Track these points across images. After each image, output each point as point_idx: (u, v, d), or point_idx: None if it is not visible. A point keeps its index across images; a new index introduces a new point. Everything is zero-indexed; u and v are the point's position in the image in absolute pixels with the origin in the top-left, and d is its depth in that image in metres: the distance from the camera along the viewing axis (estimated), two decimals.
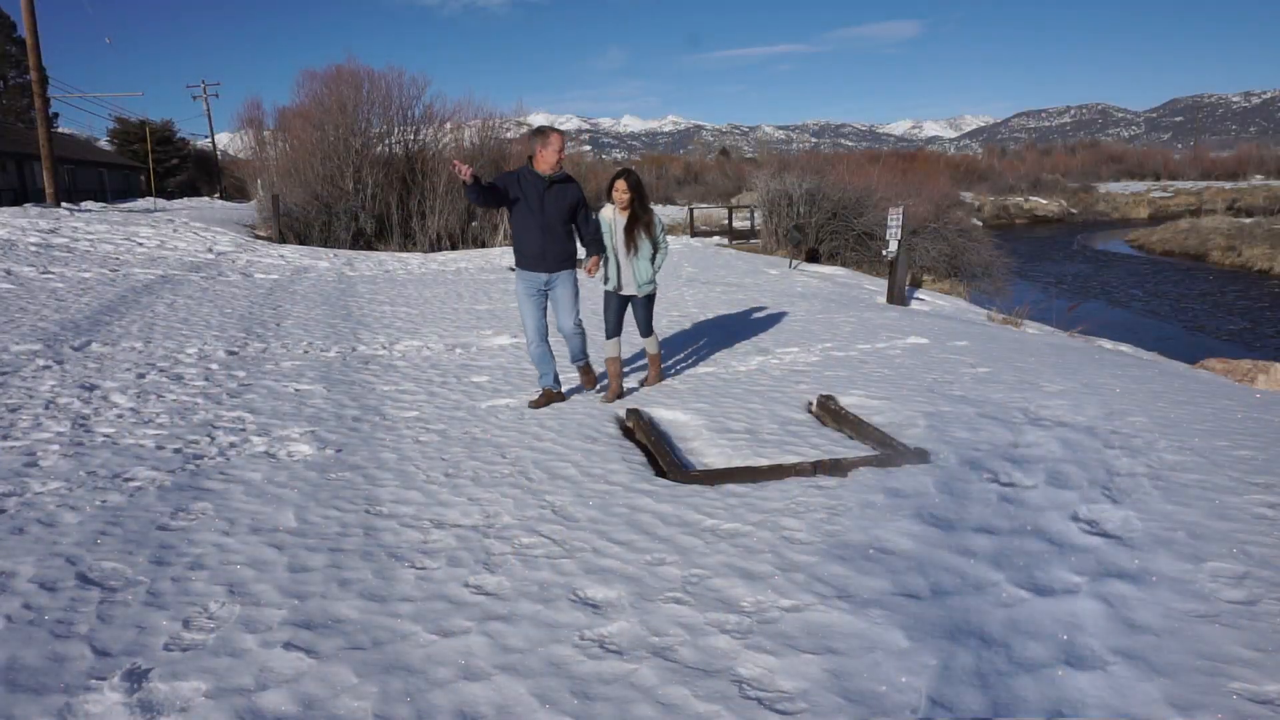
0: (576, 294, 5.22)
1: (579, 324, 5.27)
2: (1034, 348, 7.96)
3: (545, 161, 4.90)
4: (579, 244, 5.25)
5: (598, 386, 5.63)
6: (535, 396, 5.42)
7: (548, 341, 5.26)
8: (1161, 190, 69.94)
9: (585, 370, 5.56)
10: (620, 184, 5.19)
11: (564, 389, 5.58)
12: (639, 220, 5.23)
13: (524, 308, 5.18)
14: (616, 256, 5.31)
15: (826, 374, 6.20)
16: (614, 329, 5.50)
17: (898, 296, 12.93)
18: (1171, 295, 22.58)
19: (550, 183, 4.93)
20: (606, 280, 5.40)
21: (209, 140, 51.67)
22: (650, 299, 5.51)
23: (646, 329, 5.63)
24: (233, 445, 4.46)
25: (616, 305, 5.47)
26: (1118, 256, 33.48)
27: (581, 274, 5.26)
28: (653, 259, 5.37)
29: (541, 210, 4.92)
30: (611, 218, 5.28)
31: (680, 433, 4.81)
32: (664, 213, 41.52)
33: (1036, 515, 3.46)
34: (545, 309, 5.20)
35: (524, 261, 5.07)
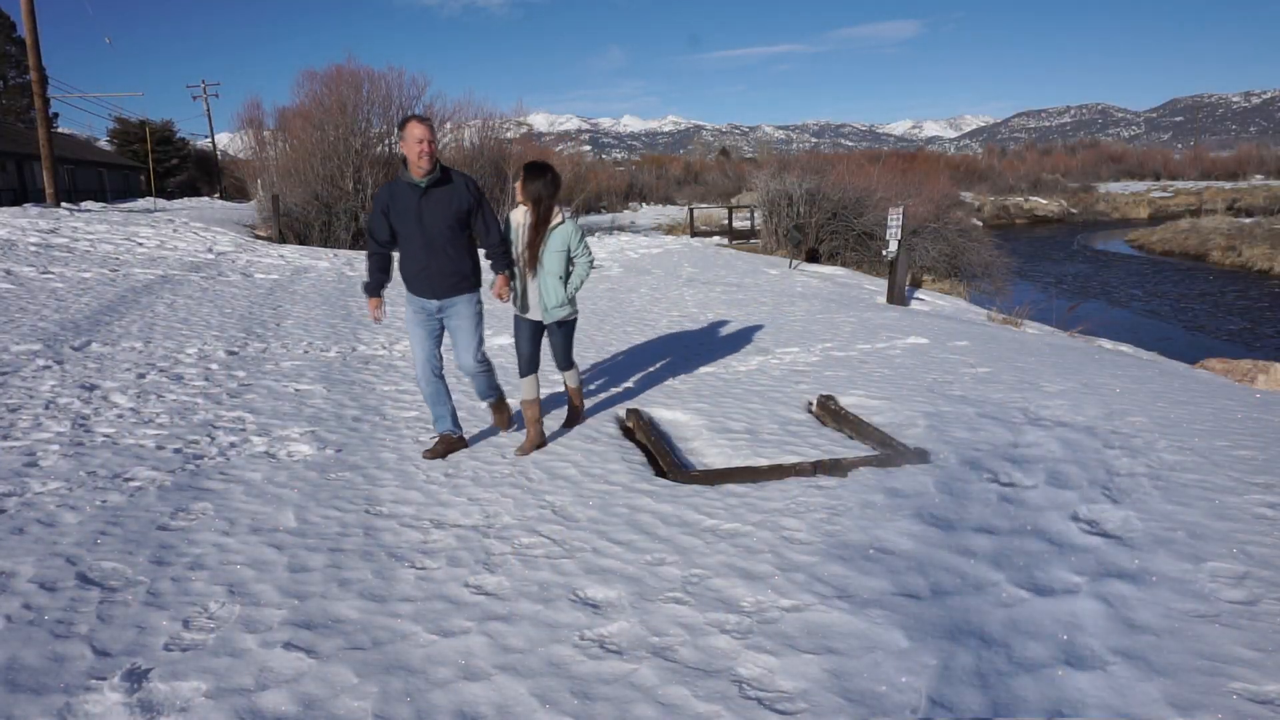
0: (478, 323, 4.25)
1: (482, 359, 4.31)
2: (1034, 348, 7.96)
3: (413, 163, 3.96)
4: (484, 259, 4.33)
5: (514, 427, 4.70)
6: (431, 443, 4.46)
7: (442, 377, 4.33)
8: (1161, 190, 69.94)
9: (498, 407, 4.64)
10: (523, 174, 4.18)
11: (467, 434, 4.64)
12: (546, 225, 4.19)
13: (411, 335, 4.26)
14: (520, 270, 4.31)
15: (826, 374, 6.20)
16: (525, 363, 4.45)
17: (898, 296, 12.93)
18: (1171, 295, 22.59)
19: (425, 188, 3.99)
20: (515, 301, 4.41)
21: (209, 140, 51.69)
22: (568, 327, 4.44)
23: (564, 361, 4.59)
24: (233, 445, 4.46)
25: (526, 333, 4.43)
26: (1118, 256, 33.47)
27: (491, 298, 4.43)
28: (565, 277, 4.31)
29: (419, 222, 4.01)
30: (519, 223, 4.27)
31: (680, 433, 4.81)
32: (664, 213, 41.14)
33: (1036, 515, 3.46)
34: (439, 338, 4.31)
35: (408, 284, 4.19)
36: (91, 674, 2.34)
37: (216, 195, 43.49)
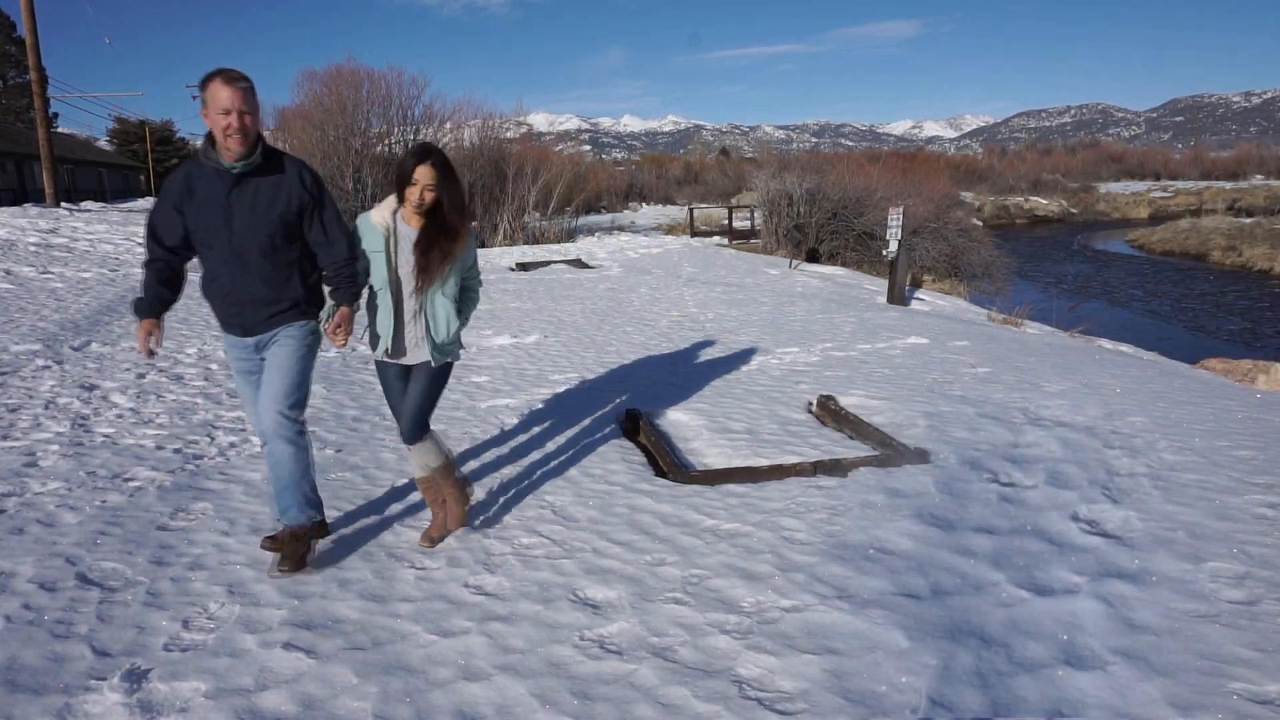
0: (300, 363, 2.95)
1: (296, 418, 2.93)
2: (1034, 348, 7.96)
3: (225, 140, 2.72)
4: (323, 279, 3.05)
5: (312, 556, 3.04)
6: (273, 531, 3.01)
7: None
8: (1162, 190, 69.90)
9: (291, 539, 2.95)
10: (423, 173, 2.90)
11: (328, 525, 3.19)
12: (446, 234, 2.98)
13: (239, 390, 3.12)
14: (392, 297, 3.03)
15: (826, 374, 6.20)
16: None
17: (898, 296, 12.93)
18: (1172, 295, 22.58)
19: (239, 176, 2.79)
20: (374, 342, 3.11)
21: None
22: (445, 374, 3.16)
23: (416, 426, 3.13)
24: (233, 445, 4.46)
25: (399, 384, 3.18)
26: (1118, 256, 33.47)
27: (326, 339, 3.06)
28: (460, 304, 3.16)
29: (227, 225, 2.80)
30: (389, 228, 3.00)
31: (680, 433, 4.81)
32: (664, 213, 40.84)
33: (1036, 515, 3.46)
34: None
35: (215, 312, 3.00)
36: (91, 674, 2.34)
37: None
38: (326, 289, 3.06)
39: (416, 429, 3.14)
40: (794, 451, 4.35)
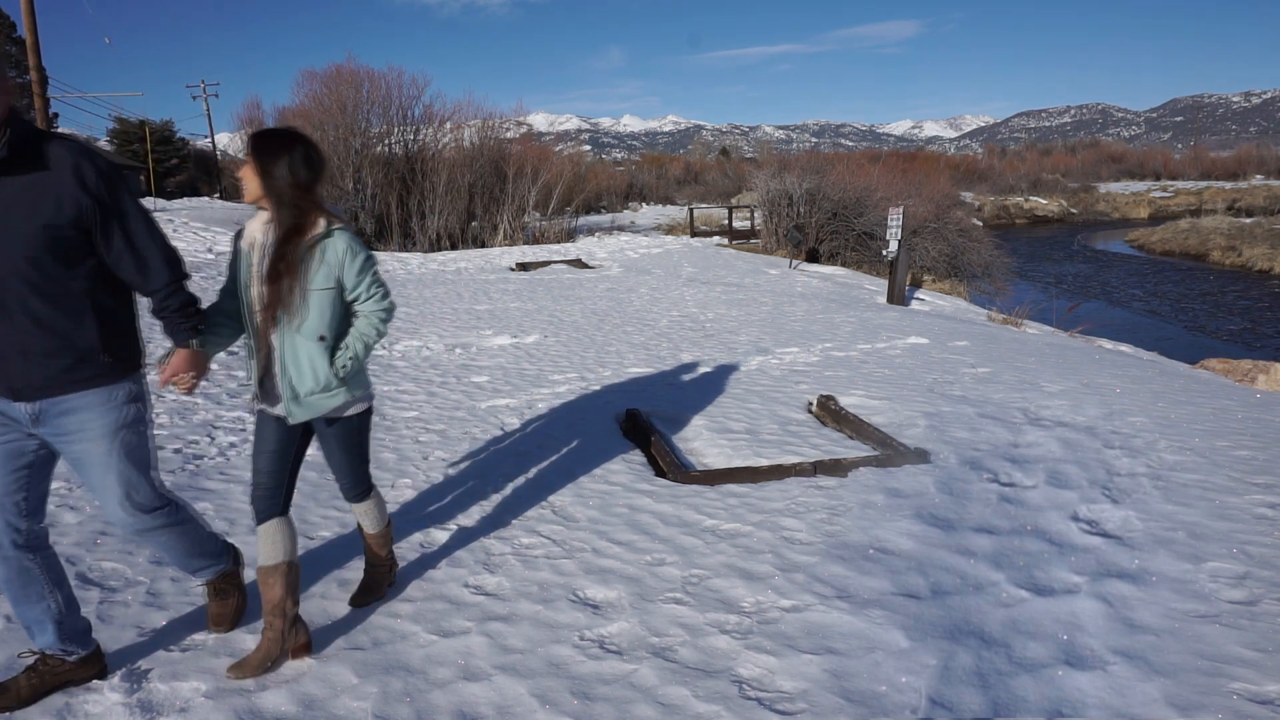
0: (131, 454, 2.26)
1: (152, 503, 2.30)
2: (1034, 348, 7.96)
3: None
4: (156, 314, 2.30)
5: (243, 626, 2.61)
6: (25, 662, 2.27)
7: (36, 548, 2.18)
8: (1161, 190, 69.86)
9: (218, 590, 2.57)
10: (247, 154, 2.30)
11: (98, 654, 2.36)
12: (295, 242, 2.30)
13: None
14: (251, 332, 2.43)
15: (826, 374, 6.20)
16: (262, 494, 2.46)
17: (898, 296, 12.94)
18: (1172, 295, 22.59)
19: None
20: (252, 386, 2.49)
21: (209, 140, 51.71)
22: (350, 427, 2.53)
23: (351, 484, 2.63)
24: (233, 445, 4.46)
25: (270, 439, 2.47)
26: (1118, 256, 33.48)
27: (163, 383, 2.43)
28: (332, 340, 2.40)
29: None
30: (254, 243, 2.36)
31: (680, 433, 4.81)
32: (664, 213, 40.62)
33: (1036, 515, 3.46)
34: (33, 471, 2.17)
35: None
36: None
37: (216, 195, 43.51)
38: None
39: (353, 488, 2.64)
40: (794, 451, 4.35)
